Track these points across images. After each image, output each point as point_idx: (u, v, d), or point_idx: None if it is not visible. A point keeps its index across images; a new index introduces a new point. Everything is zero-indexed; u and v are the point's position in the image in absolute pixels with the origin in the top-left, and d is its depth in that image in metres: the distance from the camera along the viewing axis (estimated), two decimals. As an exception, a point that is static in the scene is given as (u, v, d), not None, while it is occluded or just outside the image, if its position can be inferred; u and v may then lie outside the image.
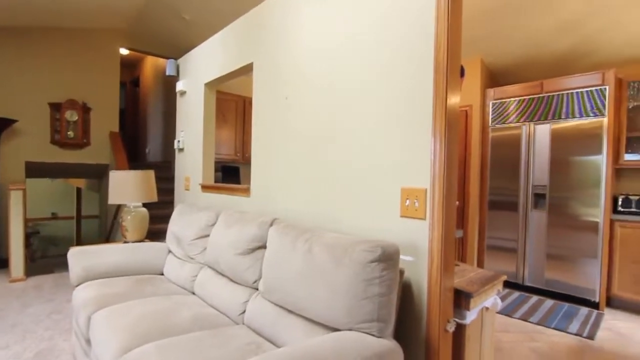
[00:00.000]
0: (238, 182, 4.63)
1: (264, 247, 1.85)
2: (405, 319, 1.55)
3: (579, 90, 3.46)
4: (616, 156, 3.54)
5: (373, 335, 1.31)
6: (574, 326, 2.93)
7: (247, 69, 2.65)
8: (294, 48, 2.15)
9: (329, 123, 1.91)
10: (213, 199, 2.97)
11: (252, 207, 2.49)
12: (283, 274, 1.59)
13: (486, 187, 4.06)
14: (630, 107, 3.56)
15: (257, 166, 2.45)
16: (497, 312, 3.18)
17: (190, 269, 2.26)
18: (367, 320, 1.32)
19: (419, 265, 1.52)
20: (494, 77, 4.41)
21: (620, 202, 3.55)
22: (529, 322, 3.02)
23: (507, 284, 3.91)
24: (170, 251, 2.57)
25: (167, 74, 3.55)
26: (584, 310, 3.30)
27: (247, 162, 4.50)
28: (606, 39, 3.44)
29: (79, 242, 7.13)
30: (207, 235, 2.26)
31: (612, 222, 3.37)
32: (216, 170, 4.26)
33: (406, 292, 1.56)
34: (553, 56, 3.83)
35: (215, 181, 3.90)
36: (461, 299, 1.59)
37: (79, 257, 2.31)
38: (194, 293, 2.19)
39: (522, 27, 3.50)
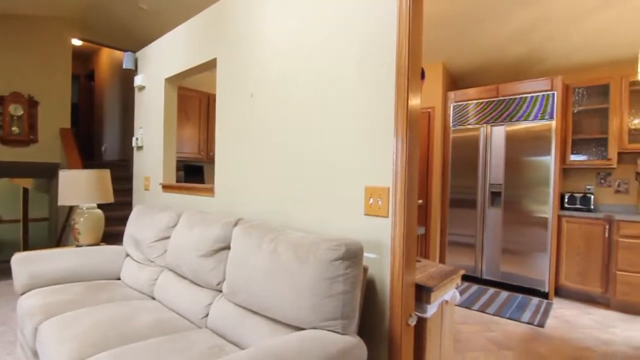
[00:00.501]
0: (202, 182, 4.51)
1: (228, 248, 1.81)
2: (369, 315, 1.58)
3: (531, 94, 3.68)
4: (563, 157, 3.81)
5: (337, 332, 1.32)
6: (527, 315, 3.12)
7: (210, 65, 2.58)
8: (260, 45, 2.12)
9: (294, 123, 1.90)
10: (175, 200, 2.87)
11: (217, 208, 2.43)
12: (248, 275, 1.57)
13: (447, 185, 4.23)
14: (575, 111, 3.84)
15: (221, 165, 2.39)
16: (458, 305, 3.32)
17: (150, 273, 2.17)
18: (331, 318, 1.33)
19: (382, 262, 1.55)
20: (455, 81, 4.60)
21: (566, 199, 3.82)
22: (487, 313, 3.17)
23: (466, 278, 4.09)
24: (127, 254, 2.46)
25: (124, 67, 3.38)
26: (535, 300, 3.53)
27: (212, 161, 4.38)
28: (554, 47, 3.68)
29: (26, 247, 6.63)
30: (168, 237, 2.18)
31: (559, 218, 3.62)
32: (178, 170, 4.12)
33: (370, 289, 1.59)
34: (508, 62, 4.05)
35: (178, 181, 3.77)
36: (422, 293, 1.64)
37: (24, 263, 2.15)
38: (153, 298, 2.10)
39: (480, 34, 3.67)
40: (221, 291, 1.79)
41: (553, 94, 3.55)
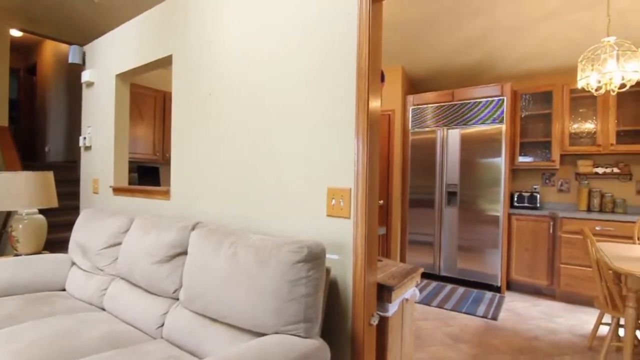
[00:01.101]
0: (158, 184, 4.30)
1: (185, 253, 1.73)
2: (332, 316, 1.57)
3: (483, 99, 3.88)
4: (512, 158, 4.05)
5: (300, 336, 1.30)
6: (481, 309, 3.28)
7: (165, 62, 2.46)
8: (219, 42, 2.05)
9: (255, 124, 1.86)
10: (127, 203, 2.71)
11: (173, 211, 2.32)
12: (206, 281, 1.50)
13: (407, 186, 4.35)
14: (522, 116, 4.10)
15: (178, 167, 2.28)
16: (418, 302, 3.42)
17: (99, 282, 2.02)
18: (293, 321, 1.30)
19: (345, 262, 1.55)
20: (414, 85, 4.75)
21: (516, 198, 4.06)
22: (445, 309, 3.29)
23: (425, 275, 4.22)
24: (74, 263, 2.28)
25: (70, 61, 3.14)
26: (489, 294, 3.71)
27: (168, 162, 4.19)
28: (503, 55, 3.91)
29: (-44, 258, 5.95)
30: (119, 244, 2.04)
31: (509, 215, 3.85)
32: (131, 171, 3.90)
33: (332, 290, 1.58)
34: (462, 68, 4.24)
35: (130, 183, 3.57)
36: (384, 292, 1.66)
37: (-50, 276, 1.92)
38: (103, 309, 1.96)
39: (437, 41, 3.81)
40: (178, 299, 1.71)
41: (503, 99, 3.77)
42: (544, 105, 4.00)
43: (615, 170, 3.70)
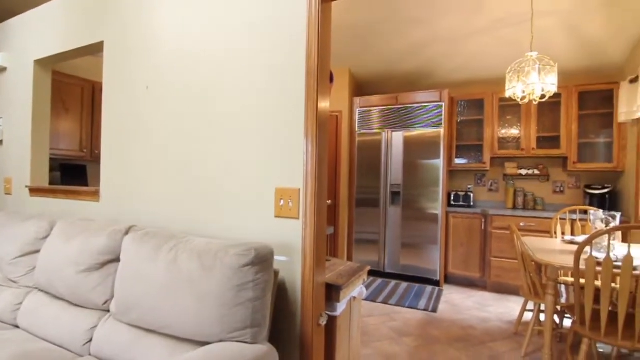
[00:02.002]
0: (85, 184, 3.90)
1: (117, 260, 1.58)
2: (281, 319, 1.53)
3: (424, 104, 4.09)
4: (449, 160, 4.32)
5: (247, 342, 1.24)
6: (423, 303, 3.44)
7: (95, 49, 2.23)
8: (159, 29, 1.90)
9: (200, 120, 1.76)
10: (47, 206, 2.41)
11: (103, 214, 2.11)
12: (142, 289, 1.38)
13: (354, 186, 4.44)
14: (458, 121, 4.40)
15: (109, 164, 2.08)
16: (364, 299, 3.49)
17: (12, 296, 1.77)
18: (240, 327, 1.24)
19: (293, 264, 1.52)
20: (361, 87, 4.86)
21: (452, 198, 4.34)
22: (389, 304, 3.41)
23: (371, 273, 4.34)
24: (-20, 275, 1.97)
25: (-23, 44, 2.73)
26: (430, 288, 3.92)
27: (98, 160, 3.81)
28: (442, 64, 4.16)
29: None
30: (37, 251, 1.81)
31: (447, 214, 4.10)
32: (53, 170, 3.49)
33: (281, 292, 1.54)
34: (405, 73, 4.43)
35: (52, 183, 3.20)
36: (332, 292, 1.66)
37: None
38: (17, 326, 1.72)
39: (382, 46, 3.94)
40: (108, 311, 1.55)
41: (441, 104, 4.01)
42: (476, 111, 4.33)
43: (536, 172, 4.12)
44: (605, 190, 3.64)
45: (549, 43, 3.46)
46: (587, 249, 1.97)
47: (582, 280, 1.95)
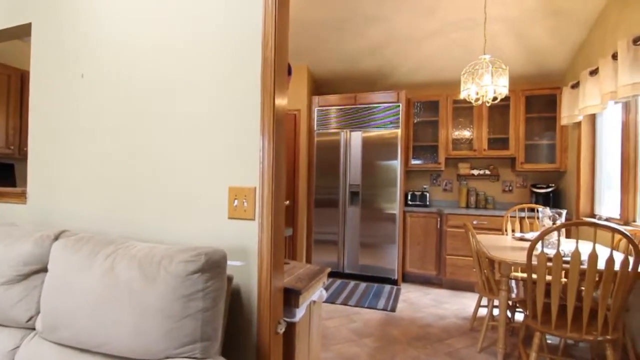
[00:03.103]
0: (14, 185, 3.49)
1: (44, 270, 1.38)
2: (235, 329, 1.42)
3: (382, 104, 4.12)
4: (406, 161, 4.40)
5: (196, 358, 1.12)
6: (381, 302, 3.45)
7: (22, 31, 1.97)
8: (98, 11, 1.71)
9: (141, 110, 1.59)
10: (-36, 209, 2.10)
11: (31, 218, 1.86)
12: (74, 303, 1.21)
13: (313, 186, 4.38)
14: (415, 122, 4.49)
15: (37, 162, 1.84)
16: (324, 302, 3.44)
17: None
18: (188, 342, 1.12)
19: (249, 269, 1.42)
20: (320, 86, 4.81)
21: (409, 197, 4.42)
22: (349, 305, 3.38)
23: (331, 274, 4.30)
24: None
25: None
26: (388, 287, 3.95)
27: (26, 157, 3.41)
28: (399, 65, 4.22)
29: None
30: (-55, 262, 1.54)
31: (404, 213, 4.16)
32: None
33: (235, 300, 1.43)
34: (363, 73, 4.45)
35: (-27, 184, 2.81)
36: (291, 297, 1.57)
37: None
38: None
39: (341, 45, 3.92)
40: (34, 329, 1.35)
41: (399, 105, 4.06)
42: (432, 113, 4.45)
43: (487, 172, 4.31)
44: (550, 189, 3.89)
45: (499, 49, 3.62)
46: (538, 245, 2.05)
47: (534, 276, 2.02)
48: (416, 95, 4.48)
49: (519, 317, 3.08)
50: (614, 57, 2.58)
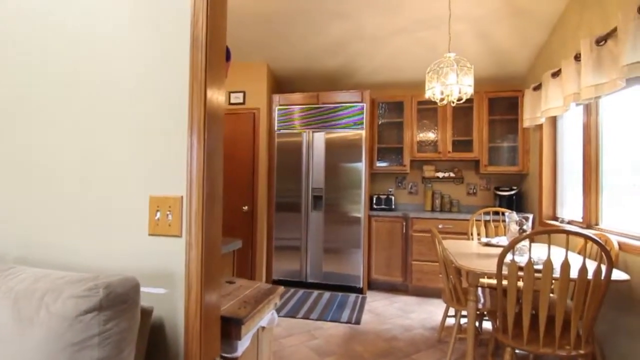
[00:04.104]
0: None
1: None
2: (156, 376, 1.13)
3: (345, 104, 3.94)
4: (371, 163, 4.24)
5: None
6: (346, 314, 3.24)
7: None
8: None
9: (41, 98, 1.27)
10: None
11: None
12: None
13: (273, 190, 4.11)
14: (379, 123, 4.35)
15: None
16: (283, 316, 3.17)
17: None
18: (77, 406, 0.83)
19: (174, 296, 1.14)
20: (281, 84, 4.55)
21: (374, 201, 4.26)
22: (310, 319, 3.13)
23: (292, 284, 4.04)
24: None
25: None
26: (353, 296, 3.75)
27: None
28: (363, 64, 4.06)
29: None
30: None
31: (369, 217, 3.99)
32: None
33: (157, 337, 1.15)
34: (327, 72, 4.25)
35: None
36: (231, 327, 1.31)
37: None
38: None
39: (302, 41, 3.69)
40: None
41: (363, 105, 3.89)
42: (397, 114, 4.32)
43: (452, 174, 4.24)
44: (513, 192, 3.86)
45: (463, 50, 3.54)
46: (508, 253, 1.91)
47: (504, 282, 1.88)
48: (381, 96, 4.34)
49: (488, 324, 2.98)
50: (577, 58, 2.54)
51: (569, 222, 3.06)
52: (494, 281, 2.54)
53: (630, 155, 2.46)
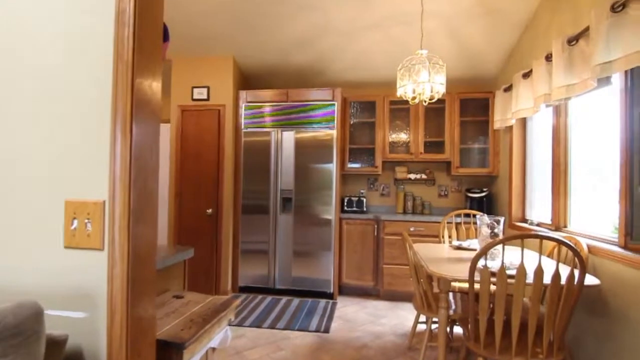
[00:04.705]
0: None
1: None
2: (69, 420, 0.94)
3: (316, 102, 3.79)
4: (342, 164, 4.12)
5: None
6: (314, 322, 3.09)
7: None
8: None
9: None
10: None
11: None
12: None
13: (240, 191, 3.90)
14: (351, 122, 4.23)
15: None
16: (248, 326, 2.98)
17: None
18: None
19: (95, 321, 0.95)
20: (248, 80, 4.35)
21: (346, 203, 4.13)
22: (277, 328, 2.96)
23: (260, 290, 3.85)
24: None
25: None
26: (323, 302, 3.60)
27: None
28: (333, 61, 3.93)
29: None
30: None
31: (340, 220, 3.86)
32: None
33: (73, 372, 0.95)
34: (297, 68, 4.09)
35: None
36: (170, 353, 1.13)
37: None
38: None
39: (271, 34, 3.51)
40: None
41: (334, 104, 3.76)
42: (369, 114, 4.22)
43: (423, 176, 4.18)
44: (483, 194, 3.84)
45: (436, 50, 3.46)
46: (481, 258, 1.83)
47: (476, 286, 1.79)
48: (353, 95, 4.22)
49: (460, 329, 2.91)
50: (548, 58, 2.51)
51: (538, 225, 3.05)
52: (465, 285, 2.47)
53: (597, 157, 2.45)
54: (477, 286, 1.77)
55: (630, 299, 1.84)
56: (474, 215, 3.11)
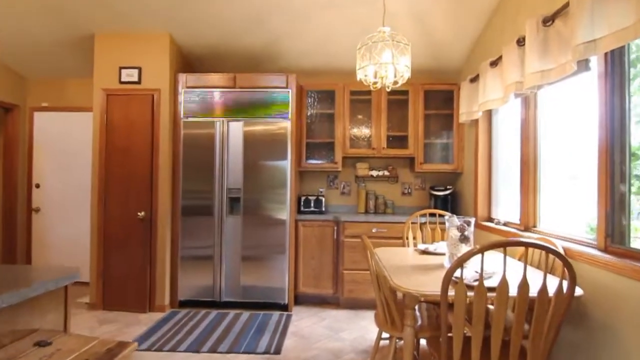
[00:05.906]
0: None
1: None
2: None
3: (268, 89, 3.37)
4: (299, 159, 3.73)
5: None
6: (264, 342, 2.68)
7: None
8: None
9: None
10: None
11: None
12: None
13: (179, 191, 3.39)
14: (309, 114, 3.85)
15: None
16: (184, 351, 2.52)
17: None
18: None
19: None
20: (189, 63, 3.82)
21: (302, 203, 3.75)
22: (219, 352, 2.52)
23: (203, 304, 3.37)
24: None
25: None
26: (276, 315, 3.20)
27: None
28: (289, 44, 3.53)
29: None
30: None
31: (297, 222, 3.48)
32: None
33: None
34: (246, 51, 3.64)
35: None
36: None
37: None
38: None
39: (214, 9, 3.04)
40: None
41: (288, 92, 3.37)
42: (328, 104, 3.87)
43: (386, 173, 3.90)
44: (448, 192, 3.63)
45: (399, 28, 3.18)
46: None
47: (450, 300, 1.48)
48: (310, 83, 3.84)
49: (424, 342, 2.63)
50: (520, 42, 2.27)
51: (505, 224, 2.84)
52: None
53: (570, 152, 2.26)
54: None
55: (612, 309, 1.62)
56: (440, 215, 2.86)
